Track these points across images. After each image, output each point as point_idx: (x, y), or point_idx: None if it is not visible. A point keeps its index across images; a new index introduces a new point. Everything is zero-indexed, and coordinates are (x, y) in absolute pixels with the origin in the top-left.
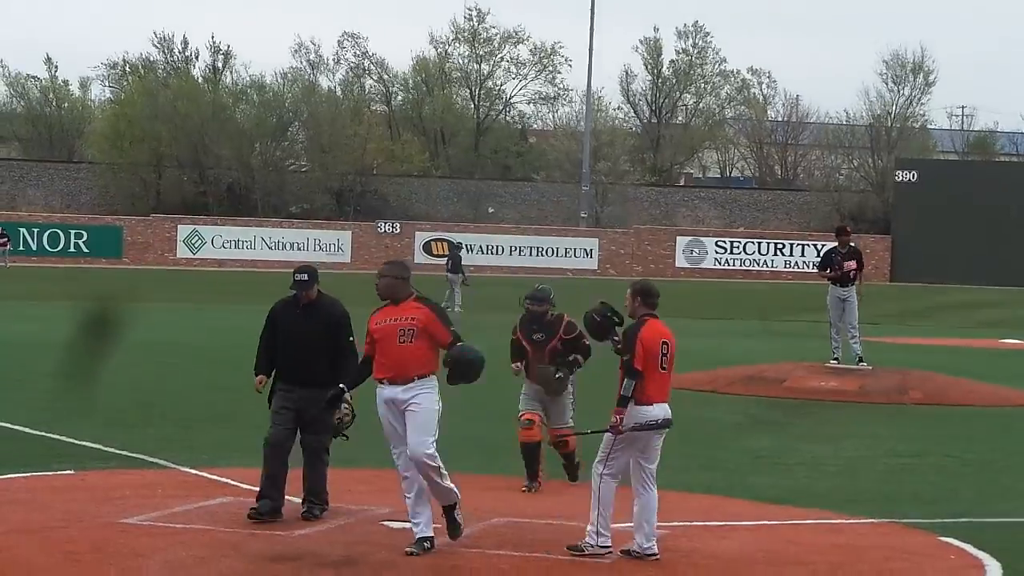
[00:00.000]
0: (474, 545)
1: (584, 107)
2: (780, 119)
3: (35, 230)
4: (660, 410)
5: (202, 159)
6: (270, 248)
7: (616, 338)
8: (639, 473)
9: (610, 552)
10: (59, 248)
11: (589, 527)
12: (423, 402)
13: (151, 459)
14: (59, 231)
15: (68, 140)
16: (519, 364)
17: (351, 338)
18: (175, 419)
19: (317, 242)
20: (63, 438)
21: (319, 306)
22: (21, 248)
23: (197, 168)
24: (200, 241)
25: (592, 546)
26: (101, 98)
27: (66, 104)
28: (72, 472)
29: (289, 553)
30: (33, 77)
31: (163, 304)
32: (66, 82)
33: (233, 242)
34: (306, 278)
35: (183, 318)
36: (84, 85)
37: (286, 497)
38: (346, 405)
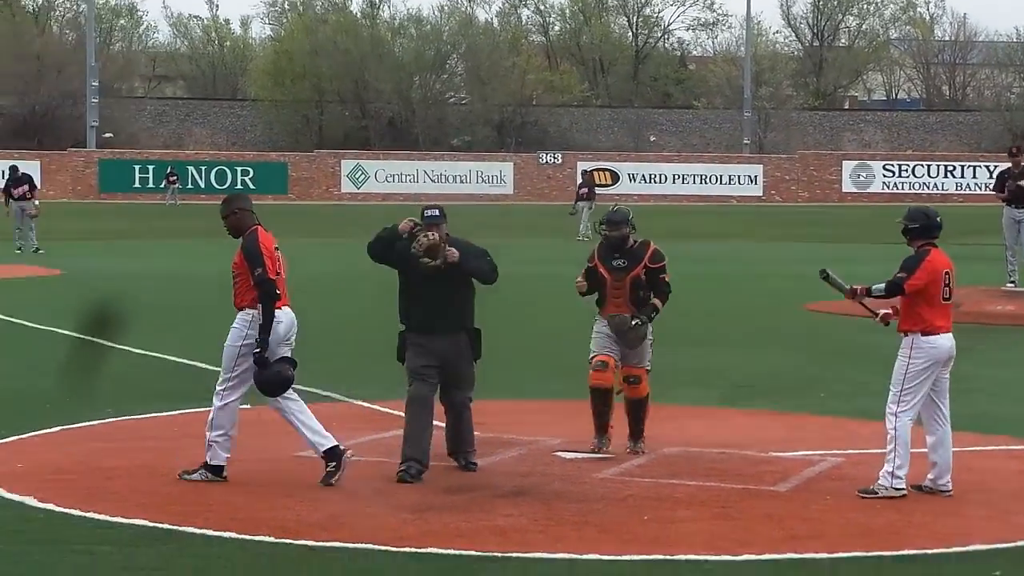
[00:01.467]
0: (647, 475)
1: (744, 32)
2: (947, 38)
3: (202, 168)
4: (947, 339)
5: (362, 94)
6: (433, 181)
7: (875, 311)
8: (931, 409)
9: (904, 495)
10: (226, 185)
11: (884, 469)
12: (230, 334)
13: (324, 393)
14: (226, 168)
15: (231, 78)
16: (582, 280)
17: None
18: (347, 352)
19: (479, 174)
20: None
21: (453, 246)
22: (189, 186)
23: (358, 103)
24: (364, 176)
25: (887, 488)
26: (261, 36)
27: (228, 43)
28: (249, 407)
29: (464, 484)
30: (196, 17)
31: (329, 239)
32: (227, 21)
33: (396, 176)
34: (436, 213)
35: (349, 252)
36: (245, 23)
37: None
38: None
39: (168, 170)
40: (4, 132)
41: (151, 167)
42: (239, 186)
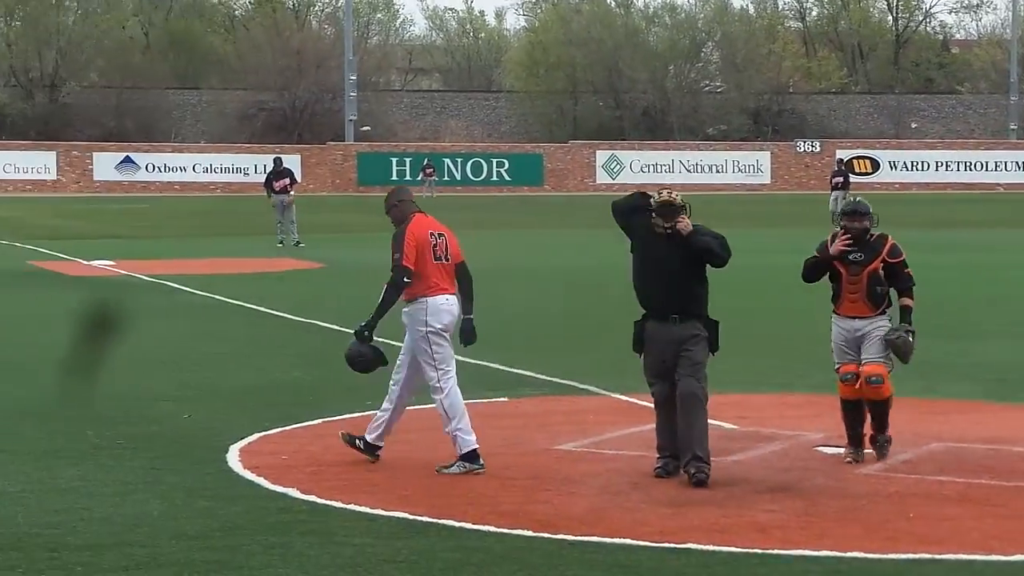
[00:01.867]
0: (913, 471)
1: (1010, 14)
2: None
3: (458, 160)
4: None
5: (616, 84)
6: (688, 171)
7: None
8: None
9: None
10: (482, 177)
11: None
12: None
13: (582, 386)
14: (481, 160)
15: (486, 70)
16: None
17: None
18: (605, 346)
19: (735, 164)
20: (494, 365)
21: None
22: (445, 178)
23: (612, 93)
24: (619, 166)
25: None
26: (516, 27)
27: (483, 34)
28: (506, 399)
29: (722, 479)
30: (451, 10)
31: (584, 230)
32: (482, 13)
33: (651, 166)
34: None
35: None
36: (499, 15)
37: None
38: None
39: (425, 162)
40: (265, 127)
41: (408, 160)
42: (494, 178)
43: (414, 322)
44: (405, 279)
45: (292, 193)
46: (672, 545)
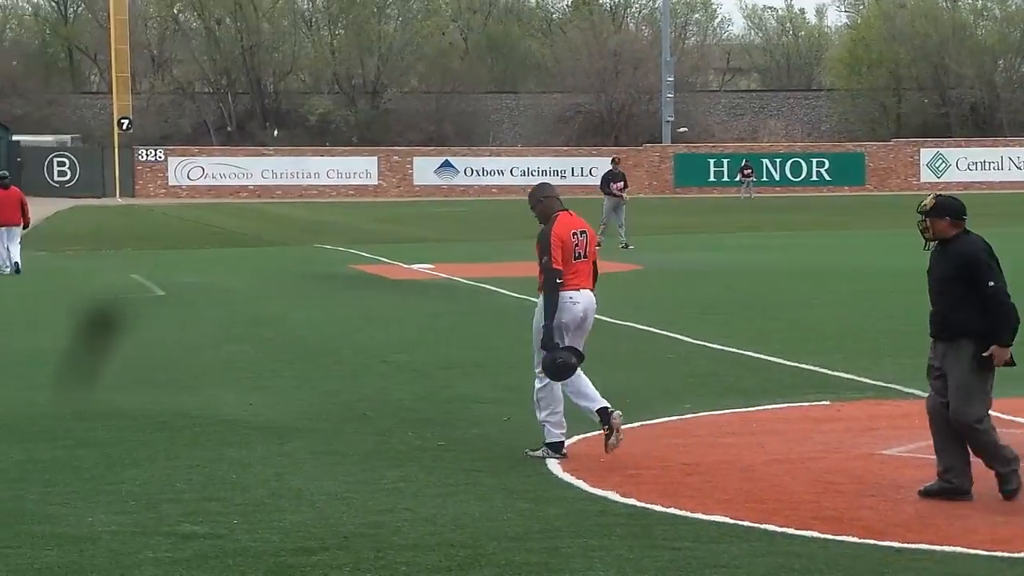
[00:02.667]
0: None
1: None
2: None
3: (777, 160)
4: None
5: (942, 80)
6: (1019, 168)
7: None
8: None
9: None
10: (801, 177)
11: None
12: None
13: (906, 389)
14: (801, 160)
15: (806, 69)
16: None
17: (991, 283)
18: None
19: None
20: (816, 368)
21: (955, 244)
22: (764, 179)
23: (937, 89)
24: (944, 164)
25: None
26: (837, 24)
27: (802, 32)
28: (828, 403)
29: None
30: (770, 8)
31: (912, 230)
32: (802, 11)
33: (979, 163)
34: (928, 208)
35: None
36: (819, 12)
37: None
38: None
39: (743, 163)
40: (582, 130)
41: (725, 160)
42: (814, 178)
43: (539, 313)
44: (558, 280)
45: (626, 196)
46: (1005, 554)
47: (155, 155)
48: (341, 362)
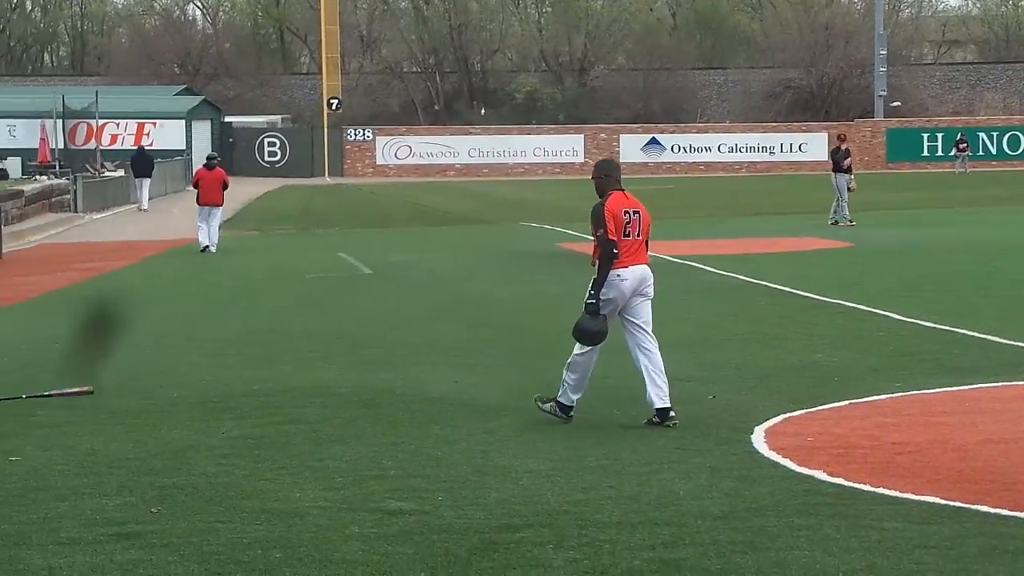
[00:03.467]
0: None
1: None
2: None
3: (993, 134)
4: None
5: None
6: None
7: None
8: None
9: None
10: (1019, 151)
11: None
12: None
13: None
14: (1019, 134)
15: None
16: None
17: None
18: None
19: None
20: None
21: None
22: (980, 153)
23: None
24: None
25: None
26: None
27: (1021, 3)
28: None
29: None
30: None
31: None
32: None
33: None
34: None
35: None
36: None
37: None
38: None
39: (958, 137)
40: (792, 105)
41: (939, 135)
42: None
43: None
44: (614, 250)
45: (852, 175)
46: None
47: (364, 135)
48: (546, 340)
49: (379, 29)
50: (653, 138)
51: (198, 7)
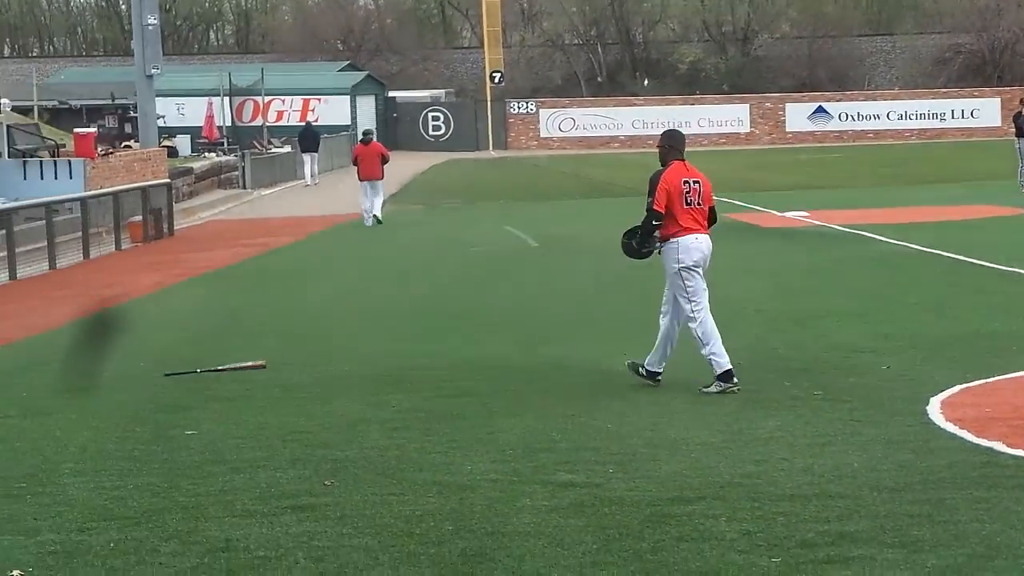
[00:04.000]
0: None
1: None
2: None
3: None
4: None
5: None
6: None
7: None
8: None
9: None
10: None
11: None
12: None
13: None
14: None
15: None
16: None
17: None
18: None
19: None
20: None
21: None
22: None
23: None
24: None
25: None
26: None
27: None
28: None
29: None
30: None
31: None
32: None
33: None
34: None
35: None
36: None
37: None
38: None
39: None
40: (962, 71)
41: None
42: None
43: (668, 260)
44: (655, 221)
45: None
46: None
47: (527, 107)
48: (715, 312)
49: (540, 2)
50: (819, 106)
51: None
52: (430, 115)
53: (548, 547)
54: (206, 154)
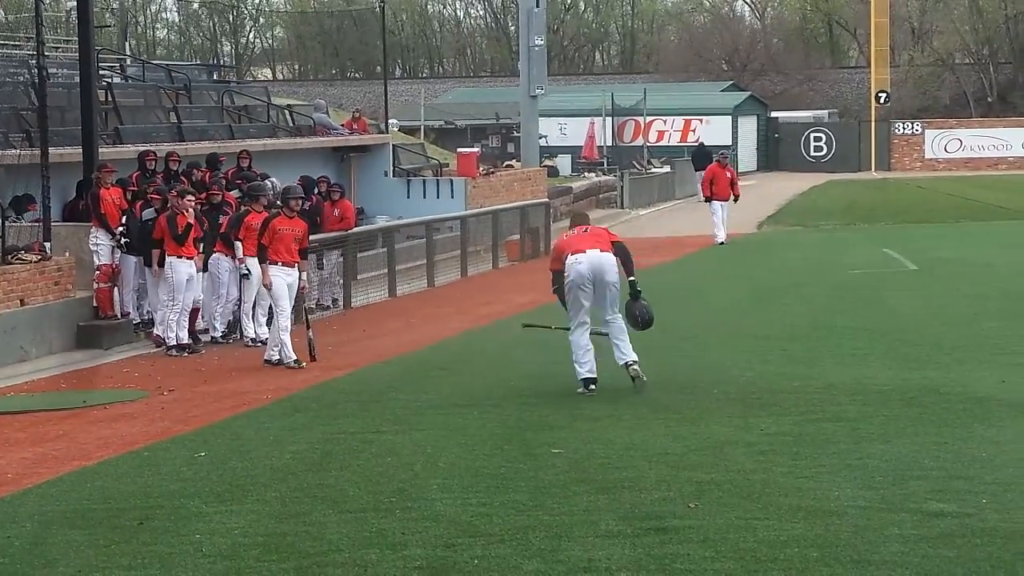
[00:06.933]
0: None
1: None
2: None
3: None
4: None
5: None
6: None
7: None
8: None
9: None
10: None
11: None
12: None
13: None
14: None
15: None
16: None
17: None
18: None
19: None
20: None
21: None
22: None
23: None
24: None
25: None
26: None
27: None
28: None
29: None
30: None
31: None
32: None
33: None
34: None
35: None
36: None
37: None
38: None
39: None
40: None
41: None
42: None
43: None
44: None
45: None
46: None
47: (912, 128)
48: None
49: (931, 21)
50: None
51: (747, 3)
52: (812, 135)
53: None
54: (586, 174)
